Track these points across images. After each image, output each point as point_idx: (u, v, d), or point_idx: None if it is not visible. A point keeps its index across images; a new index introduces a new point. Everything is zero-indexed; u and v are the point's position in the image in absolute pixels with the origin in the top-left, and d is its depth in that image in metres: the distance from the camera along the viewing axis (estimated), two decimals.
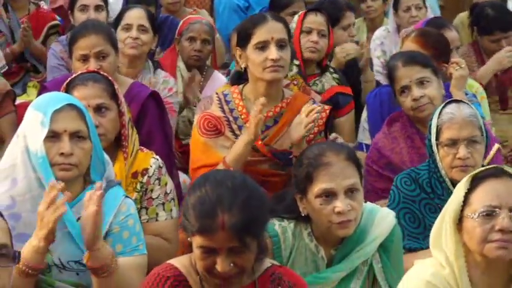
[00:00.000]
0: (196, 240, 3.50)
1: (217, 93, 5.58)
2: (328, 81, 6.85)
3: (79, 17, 7.60)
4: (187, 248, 3.72)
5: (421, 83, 5.60)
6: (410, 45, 6.40)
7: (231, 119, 5.40)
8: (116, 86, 4.98)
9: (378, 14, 8.66)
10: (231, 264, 3.48)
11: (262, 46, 5.28)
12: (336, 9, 7.65)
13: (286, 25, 5.52)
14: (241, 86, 5.48)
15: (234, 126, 5.38)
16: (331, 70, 6.97)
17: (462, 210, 3.66)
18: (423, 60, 5.78)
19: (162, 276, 3.63)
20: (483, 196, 3.62)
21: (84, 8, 7.65)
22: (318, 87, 6.84)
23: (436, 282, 3.64)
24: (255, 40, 5.31)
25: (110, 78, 5.03)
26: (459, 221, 3.66)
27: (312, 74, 6.86)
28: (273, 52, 5.24)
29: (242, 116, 5.36)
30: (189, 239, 3.61)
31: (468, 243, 3.64)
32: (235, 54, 5.52)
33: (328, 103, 6.24)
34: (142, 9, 6.95)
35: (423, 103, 5.46)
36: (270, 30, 5.32)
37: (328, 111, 5.53)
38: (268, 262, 3.76)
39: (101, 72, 5.06)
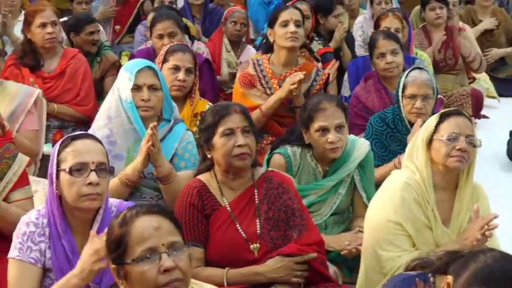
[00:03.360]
0: (219, 131, 3.58)
1: (252, 59, 5.55)
2: (316, 46, 6.76)
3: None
4: None
5: (393, 52, 5.56)
6: (393, 20, 6.39)
7: (260, 76, 5.35)
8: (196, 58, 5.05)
9: (356, 6, 8.57)
10: (245, 141, 3.55)
11: (285, 24, 5.26)
12: (330, 3, 7.57)
13: (301, 12, 5.50)
14: (269, 55, 5.43)
15: (263, 82, 5.34)
16: (316, 38, 6.91)
17: (432, 136, 3.67)
18: (396, 38, 5.77)
19: (190, 186, 3.65)
20: (448, 126, 3.64)
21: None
22: None
23: (410, 182, 3.65)
24: (280, 20, 5.29)
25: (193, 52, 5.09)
26: (429, 143, 3.68)
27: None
28: (291, 27, 5.23)
29: (268, 75, 5.32)
30: (209, 155, 3.67)
31: (435, 157, 3.65)
32: (267, 33, 5.52)
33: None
34: None
35: (393, 67, 5.47)
36: (290, 13, 5.31)
37: (326, 75, 5.50)
38: (263, 169, 3.81)
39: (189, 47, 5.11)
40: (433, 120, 3.72)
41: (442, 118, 3.69)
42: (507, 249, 2.62)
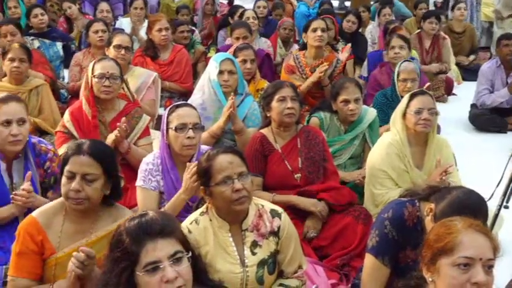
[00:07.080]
0: (275, 98, 3.59)
1: (292, 54, 5.46)
2: (340, 45, 6.64)
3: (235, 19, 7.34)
4: None
5: (401, 47, 5.46)
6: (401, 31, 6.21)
7: (298, 66, 5.23)
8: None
9: (366, 18, 8.27)
10: (293, 105, 3.56)
11: (314, 30, 5.14)
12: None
13: (325, 21, 5.37)
14: (304, 51, 5.30)
15: (300, 70, 5.22)
16: (341, 40, 6.81)
17: (405, 109, 3.57)
18: (405, 39, 5.62)
19: (255, 136, 3.67)
20: (416, 103, 3.54)
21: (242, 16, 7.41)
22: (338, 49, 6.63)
23: (392, 142, 3.58)
24: (311, 27, 5.17)
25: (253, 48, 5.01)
26: (404, 114, 3.58)
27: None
28: (319, 32, 5.11)
29: (304, 65, 5.21)
30: (268, 115, 3.66)
31: (408, 124, 3.56)
32: (303, 36, 5.34)
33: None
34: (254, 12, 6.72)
35: (398, 57, 5.35)
36: (318, 23, 5.20)
37: (343, 63, 5.36)
38: (301, 125, 3.74)
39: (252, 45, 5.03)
40: (406, 98, 3.63)
41: (412, 97, 3.60)
42: (468, 185, 2.53)
